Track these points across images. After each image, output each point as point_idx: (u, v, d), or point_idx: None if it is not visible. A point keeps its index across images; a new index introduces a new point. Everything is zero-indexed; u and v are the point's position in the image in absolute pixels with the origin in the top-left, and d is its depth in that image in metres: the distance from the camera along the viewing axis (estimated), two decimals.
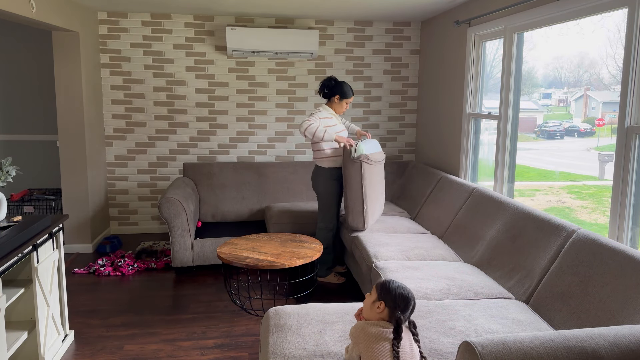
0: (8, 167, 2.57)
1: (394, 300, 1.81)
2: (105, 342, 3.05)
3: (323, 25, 5.22)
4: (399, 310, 1.80)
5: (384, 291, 1.85)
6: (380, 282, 1.89)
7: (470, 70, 4.16)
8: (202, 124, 5.21)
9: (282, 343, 2.08)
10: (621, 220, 2.57)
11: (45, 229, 2.62)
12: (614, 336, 1.56)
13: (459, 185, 3.92)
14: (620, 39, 2.64)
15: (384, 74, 5.39)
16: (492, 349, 1.49)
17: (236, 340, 3.07)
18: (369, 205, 3.68)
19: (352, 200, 3.66)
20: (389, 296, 1.83)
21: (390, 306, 1.82)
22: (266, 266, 3.13)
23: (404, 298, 1.82)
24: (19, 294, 2.47)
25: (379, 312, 1.83)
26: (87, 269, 4.22)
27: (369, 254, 3.28)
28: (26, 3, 3.44)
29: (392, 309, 1.81)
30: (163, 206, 3.99)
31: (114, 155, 5.15)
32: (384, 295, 1.84)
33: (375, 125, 5.47)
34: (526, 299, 2.61)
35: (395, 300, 1.81)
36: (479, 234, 3.31)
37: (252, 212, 4.85)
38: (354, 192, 3.64)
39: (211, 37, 5.09)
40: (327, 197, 3.90)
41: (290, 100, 5.30)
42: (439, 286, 2.70)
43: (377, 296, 1.86)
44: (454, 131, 4.52)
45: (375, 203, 3.80)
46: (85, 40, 4.58)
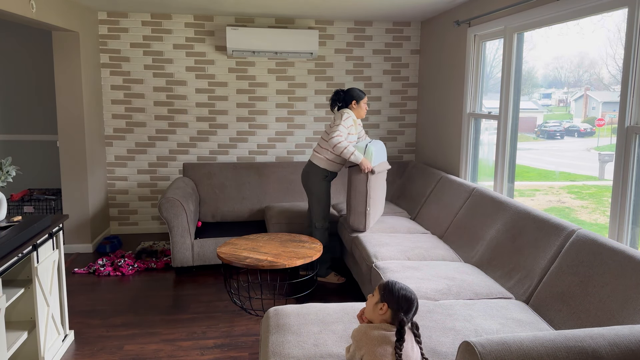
0: (8, 167, 2.57)
1: (397, 302, 1.80)
2: (105, 342, 3.05)
3: (323, 25, 5.22)
4: (401, 312, 1.79)
5: (386, 292, 1.83)
6: (382, 283, 1.88)
7: (470, 70, 4.16)
8: (202, 124, 5.21)
9: (282, 343, 2.08)
10: (621, 220, 2.57)
11: (45, 229, 2.62)
12: (614, 336, 1.56)
13: (459, 185, 3.92)
14: (620, 39, 2.64)
15: (384, 74, 5.39)
16: (492, 349, 1.49)
17: (236, 340, 3.07)
18: (371, 207, 3.68)
19: (356, 200, 3.66)
20: (392, 298, 1.81)
21: (393, 308, 1.80)
22: (266, 266, 3.13)
23: (407, 299, 1.81)
24: (19, 294, 2.47)
25: (381, 314, 1.82)
26: (87, 269, 4.22)
27: (369, 254, 3.28)
28: (26, 3, 3.44)
29: (395, 311, 1.79)
30: (163, 206, 3.99)
31: (114, 155, 5.15)
32: (386, 296, 1.82)
33: (376, 125, 5.47)
34: (526, 299, 2.61)
35: (398, 302, 1.80)
36: (479, 234, 3.31)
37: (252, 212, 4.85)
38: (359, 194, 3.64)
39: (211, 37, 5.09)
40: (320, 196, 3.90)
41: (290, 100, 5.30)
42: (439, 286, 2.70)
43: (379, 297, 1.84)
44: (454, 131, 4.52)
45: (377, 204, 3.81)
46: (85, 40, 4.58)
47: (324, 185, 3.89)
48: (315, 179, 3.88)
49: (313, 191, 3.91)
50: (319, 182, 3.88)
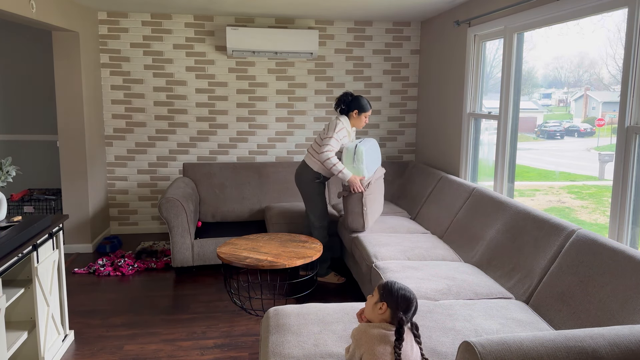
0: (8, 167, 2.57)
1: (396, 302, 1.80)
2: (105, 342, 3.05)
3: (323, 25, 5.22)
4: (400, 311, 1.79)
5: (386, 292, 1.84)
6: (382, 283, 1.89)
7: (470, 70, 4.16)
8: (202, 124, 5.21)
9: (282, 343, 2.08)
10: (621, 220, 2.57)
11: (45, 229, 2.62)
12: (614, 336, 1.56)
13: (459, 185, 3.92)
14: (620, 39, 2.64)
15: (384, 74, 5.39)
16: (492, 348, 1.49)
17: (236, 340, 3.07)
18: (368, 207, 3.68)
19: (352, 201, 3.66)
20: (391, 297, 1.82)
21: (392, 307, 1.81)
22: (266, 266, 3.13)
23: (406, 299, 1.82)
24: (19, 294, 2.47)
25: (380, 313, 1.82)
26: (87, 269, 4.22)
27: (369, 254, 3.28)
28: (26, 3, 3.44)
29: (394, 310, 1.80)
30: (163, 206, 3.99)
31: (114, 155, 5.15)
32: (386, 296, 1.83)
33: (376, 125, 5.47)
34: (526, 299, 2.61)
35: (397, 302, 1.80)
36: (479, 234, 3.31)
37: (252, 212, 4.85)
38: (355, 194, 3.64)
39: (211, 37, 5.09)
40: (315, 196, 3.89)
41: (290, 100, 5.30)
42: (439, 286, 2.70)
43: (379, 297, 1.85)
44: (454, 131, 4.52)
45: (374, 204, 3.80)
46: (85, 40, 4.58)
47: (315, 186, 3.89)
48: (308, 180, 3.88)
49: (306, 191, 3.91)
50: (310, 183, 3.88)
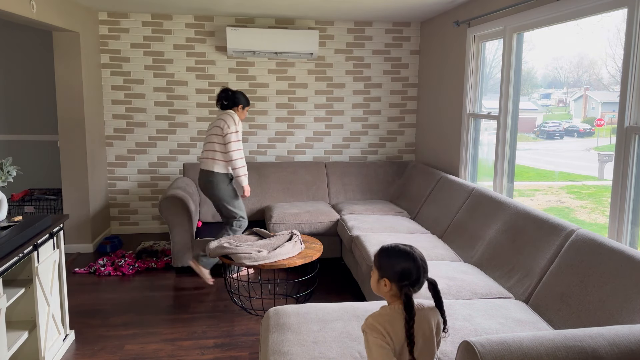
0: (8, 167, 2.57)
1: (394, 273, 1.57)
2: (105, 341, 3.05)
3: (323, 25, 5.22)
4: (405, 281, 1.56)
5: (382, 265, 1.60)
6: (375, 254, 1.65)
7: (469, 70, 4.17)
8: (203, 124, 5.22)
9: (281, 341, 2.08)
10: (620, 220, 2.58)
11: (46, 228, 2.62)
12: (614, 336, 1.56)
13: (459, 185, 3.92)
14: (620, 39, 2.64)
15: (383, 75, 5.40)
16: (491, 348, 1.49)
17: (236, 340, 3.07)
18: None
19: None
20: (389, 270, 1.58)
21: (394, 280, 1.57)
22: (266, 266, 3.13)
23: (404, 267, 1.55)
24: (20, 293, 2.48)
25: (387, 291, 1.60)
26: (87, 268, 4.22)
27: (369, 254, 3.29)
28: (26, 3, 3.44)
29: (398, 282, 1.57)
30: (163, 206, 4.00)
31: (114, 155, 5.15)
32: (382, 270, 1.60)
33: (375, 125, 5.47)
34: (526, 299, 2.62)
35: (395, 272, 1.57)
36: (479, 233, 3.31)
37: (252, 212, 4.86)
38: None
39: (211, 38, 5.09)
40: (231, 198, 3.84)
41: (290, 101, 5.31)
42: (439, 286, 2.70)
43: (378, 274, 1.63)
44: (453, 131, 4.52)
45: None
46: (86, 41, 4.58)
47: (229, 189, 3.84)
48: (222, 185, 3.80)
49: (221, 197, 3.81)
50: (226, 186, 3.82)
